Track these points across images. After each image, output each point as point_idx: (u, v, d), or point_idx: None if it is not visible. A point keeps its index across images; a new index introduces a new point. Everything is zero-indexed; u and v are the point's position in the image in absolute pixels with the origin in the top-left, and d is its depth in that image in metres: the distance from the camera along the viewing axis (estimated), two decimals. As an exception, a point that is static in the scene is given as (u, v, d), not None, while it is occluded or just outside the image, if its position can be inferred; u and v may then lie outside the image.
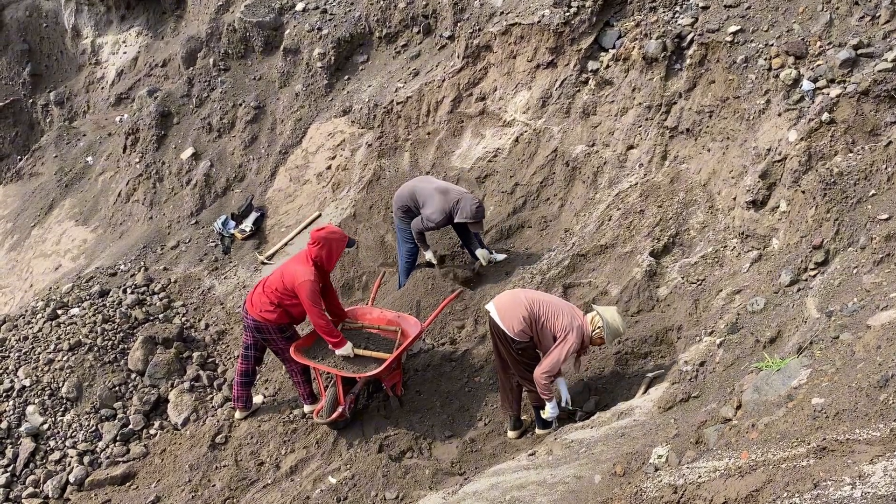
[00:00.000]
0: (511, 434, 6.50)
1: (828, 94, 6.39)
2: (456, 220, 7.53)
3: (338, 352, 6.53)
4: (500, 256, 8.01)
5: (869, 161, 5.15)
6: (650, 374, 6.30)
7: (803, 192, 5.35)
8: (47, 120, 16.96)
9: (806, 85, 6.64)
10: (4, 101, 17.33)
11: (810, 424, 2.85)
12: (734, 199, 6.97)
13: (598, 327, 5.81)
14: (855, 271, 4.53)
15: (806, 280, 4.91)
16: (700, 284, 6.78)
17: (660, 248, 7.25)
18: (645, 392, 5.97)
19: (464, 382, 7.14)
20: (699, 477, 2.86)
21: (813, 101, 6.49)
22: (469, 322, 7.59)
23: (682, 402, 4.85)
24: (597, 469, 4.69)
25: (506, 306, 6.05)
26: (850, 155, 5.37)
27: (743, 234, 6.70)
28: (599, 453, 4.94)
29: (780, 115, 6.69)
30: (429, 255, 7.93)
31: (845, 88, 6.29)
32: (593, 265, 7.57)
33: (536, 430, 6.40)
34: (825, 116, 6.20)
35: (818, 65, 6.68)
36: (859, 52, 6.51)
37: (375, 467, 6.38)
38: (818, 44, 6.83)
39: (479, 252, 7.83)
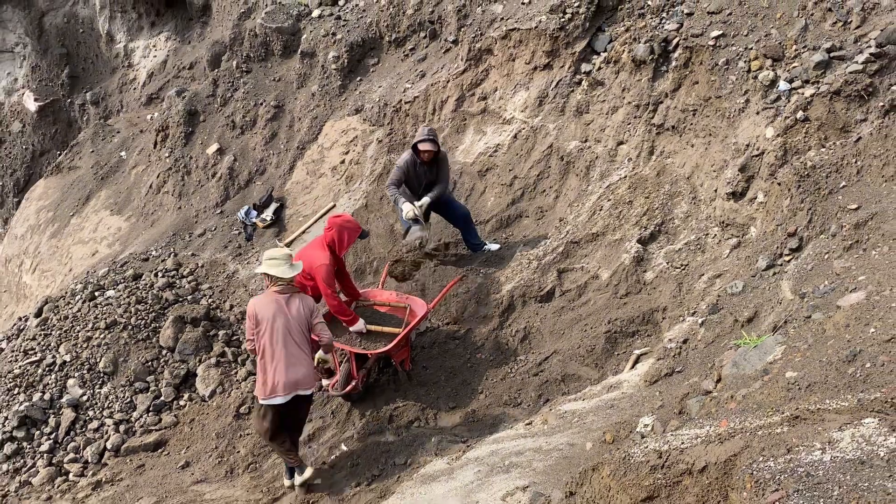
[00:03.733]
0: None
1: (802, 93, 6.36)
2: (415, 143, 7.42)
3: (351, 329, 6.55)
4: (495, 246, 8.00)
5: (840, 155, 5.14)
6: (637, 352, 6.31)
7: (779, 184, 5.34)
8: (84, 118, 16.94)
9: (782, 85, 6.61)
10: (45, 100, 17.31)
11: (784, 395, 2.86)
12: (715, 190, 6.95)
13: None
14: (826, 257, 4.53)
15: (781, 265, 4.90)
16: (684, 269, 6.78)
17: (647, 235, 7.24)
18: (632, 367, 5.99)
19: (466, 359, 7.16)
20: (682, 443, 2.88)
21: (789, 101, 6.46)
22: (471, 303, 7.60)
23: (667, 376, 4.86)
24: (588, 437, 4.72)
25: None
26: (823, 150, 5.35)
27: (723, 223, 6.69)
28: (590, 423, 4.96)
29: (758, 113, 6.66)
30: (406, 209, 7.44)
31: (819, 88, 6.26)
32: (585, 251, 7.57)
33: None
34: (800, 114, 6.18)
35: (794, 66, 6.65)
36: (832, 54, 6.47)
37: (385, 435, 6.41)
38: (794, 47, 6.79)
39: (432, 193, 7.61)
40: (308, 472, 5.92)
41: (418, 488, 5.33)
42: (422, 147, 7.46)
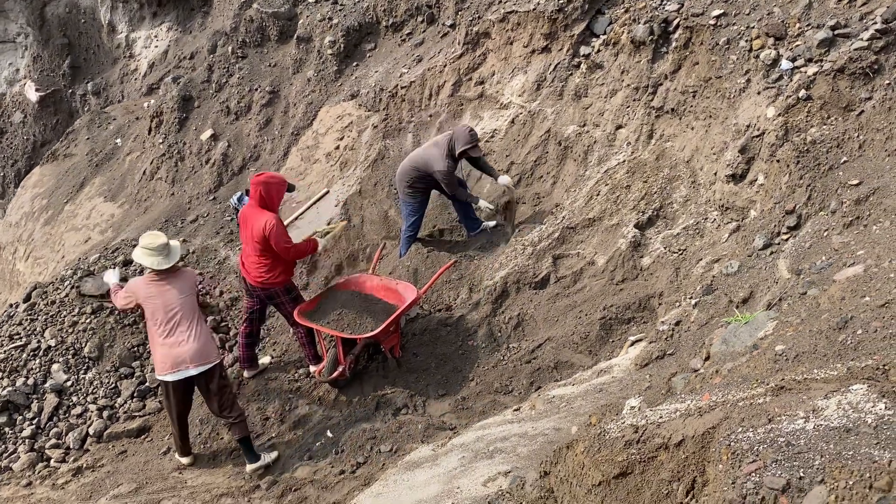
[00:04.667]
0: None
1: (805, 72, 6.13)
2: (458, 152, 7.31)
3: (319, 249, 6.82)
4: (492, 223, 7.85)
5: (841, 130, 4.92)
6: (632, 338, 6.11)
7: (778, 161, 5.13)
8: (85, 108, 16.83)
9: (784, 64, 6.39)
10: (46, 91, 17.23)
11: (771, 367, 2.66)
12: (715, 174, 6.74)
13: None
14: (825, 234, 4.32)
15: (778, 244, 4.70)
16: (681, 254, 6.58)
17: (644, 220, 7.04)
18: (626, 353, 5.79)
19: (458, 346, 6.98)
20: (660, 417, 2.69)
21: (791, 80, 6.24)
22: (464, 290, 7.42)
23: (658, 359, 4.66)
24: (575, 421, 4.53)
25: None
26: (825, 126, 5.13)
27: (723, 206, 6.48)
28: (578, 407, 4.77)
29: (759, 93, 6.44)
30: (483, 204, 7.63)
31: (822, 66, 6.04)
32: (581, 237, 7.37)
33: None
34: (802, 93, 5.96)
35: (797, 45, 6.43)
36: (836, 32, 6.25)
37: (372, 422, 6.24)
38: (797, 25, 6.57)
39: (501, 179, 7.62)
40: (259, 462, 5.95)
41: (401, 475, 5.15)
42: (472, 153, 7.39)
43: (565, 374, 6.21)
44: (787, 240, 4.62)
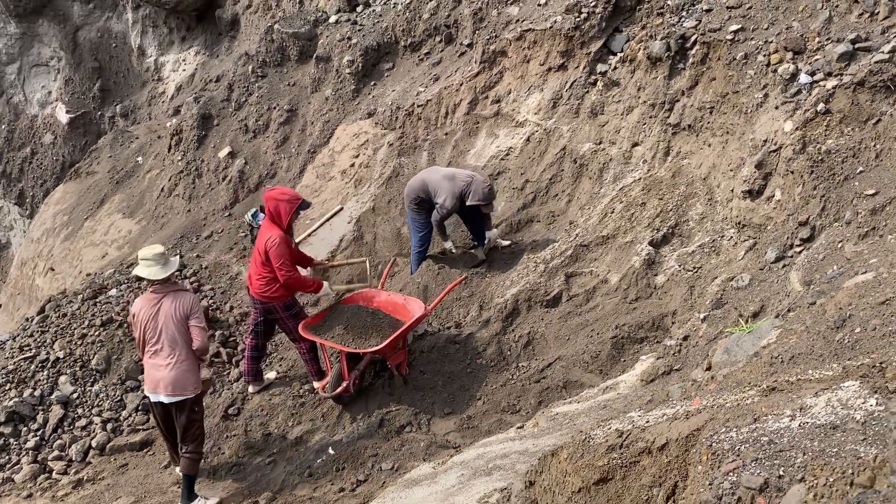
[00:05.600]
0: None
1: (824, 86, 5.99)
2: (468, 203, 7.24)
3: (318, 294, 6.63)
4: (505, 242, 7.74)
5: (857, 139, 4.75)
6: (643, 358, 5.92)
7: (791, 172, 4.96)
8: (113, 130, 17.14)
9: (803, 78, 6.25)
10: (76, 112, 17.57)
11: (766, 371, 2.51)
12: (732, 190, 6.58)
13: None
14: (839, 245, 4.14)
15: (791, 256, 4.52)
16: (696, 272, 6.40)
17: (659, 238, 6.88)
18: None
19: (466, 364, 6.83)
20: (647, 422, 2.54)
21: (810, 94, 6.09)
22: (474, 307, 7.29)
23: (665, 374, 4.49)
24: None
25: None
26: (840, 137, 4.96)
27: (740, 223, 6.30)
28: (581, 424, 4.60)
29: (777, 107, 6.30)
30: (448, 245, 7.66)
31: (841, 80, 5.90)
32: (595, 255, 7.23)
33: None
34: (821, 107, 5.80)
35: (816, 59, 6.29)
36: (857, 46, 6.10)
37: (374, 440, 6.11)
38: (817, 39, 6.43)
39: (489, 233, 7.55)
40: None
41: (400, 492, 5.01)
42: (484, 210, 7.38)
43: (574, 394, 6.03)
44: (800, 252, 4.44)
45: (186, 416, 5.64)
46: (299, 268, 6.54)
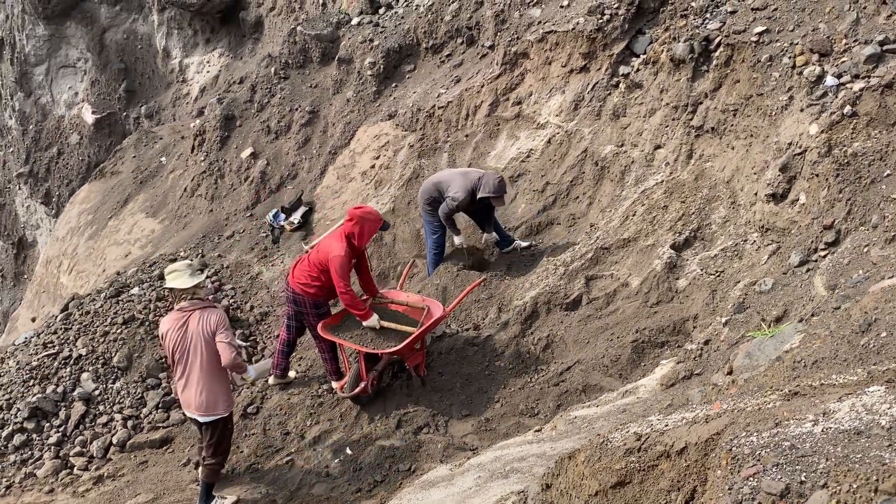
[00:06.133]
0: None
1: (851, 88, 5.90)
2: (479, 196, 7.19)
3: (364, 323, 6.29)
4: (525, 243, 7.70)
5: (885, 142, 4.67)
6: (664, 362, 5.86)
7: (816, 175, 4.88)
8: (137, 131, 17.31)
9: (829, 80, 6.15)
10: (102, 113, 17.77)
11: (788, 375, 2.46)
12: (755, 194, 6.49)
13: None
14: (866, 249, 4.07)
15: (816, 260, 4.44)
16: (718, 276, 6.32)
17: (681, 241, 6.81)
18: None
19: (484, 366, 6.81)
20: (666, 426, 2.50)
21: (836, 96, 6.00)
22: (493, 309, 7.26)
23: (685, 379, 4.43)
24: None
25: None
26: (868, 140, 4.87)
27: (763, 227, 6.22)
28: (600, 428, 4.55)
29: (802, 110, 6.21)
30: (458, 240, 7.56)
31: (869, 82, 5.80)
32: (616, 258, 7.17)
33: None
34: (847, 109, 5.71)
35: (843, 61, 6.19)
36: (885, 48, 6.01)
37: (392, 441, 6.10)
38: (844, 41, 6.34)
39: (486, 235, 7.60)
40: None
41: (416, 494, 5.00)
42: (495, 203, 7.32)
43: (593, 398, 5.97)
44: (824, 256, 4.37)
45: (219, 432, 5.63)
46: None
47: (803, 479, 1.67)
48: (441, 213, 7.36)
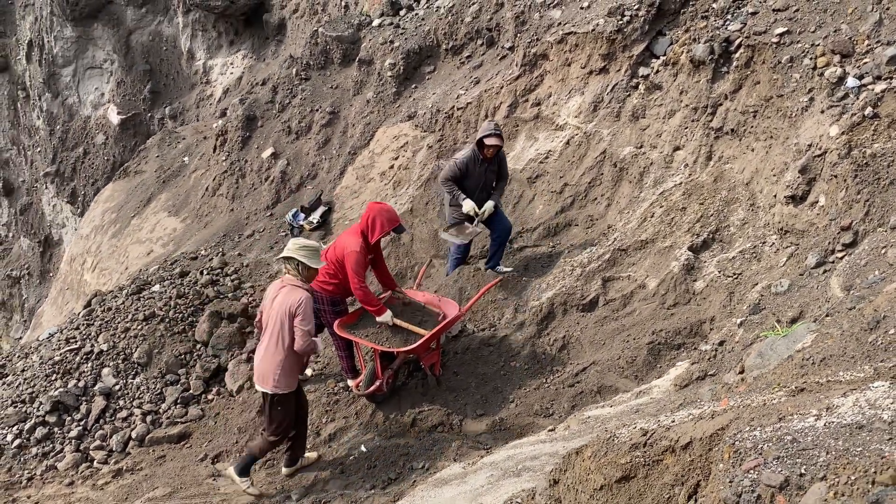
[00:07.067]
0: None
1: (873, 89, 5.84)
2: (478, 137, 7.09)
3: (378, 319, 6.31)
4: (507, 269, 7.56)
5: (905, 143, 4.61)
6: (679, 363, 5.83)
7: (835, 176, 4.84)
8: (161, 131, 17.54)
9: (851, 82, 6.10)
10: (127, 114, 18.02)
11: (796, 372, 2.45)
12: (775, 196, 6.44)
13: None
14: (883, 251, 4.02)
15: (833, 262, 4.40)
16: (736, 278, 6.28)
17: (699, 243, 6.78)
18: (670, 377, 5.52)
19: (500, 366, 6.81)
20: (672, 422, 2.50)
21: (857, 98, 5.94)
22: (509, 310, 7.27)
23: (699, 379, 4.41)
24: (606, 441, 4.32)
25: None
26: (887, 141, 4.82)
27: (782, 229, 6.17)
28: (612, 427, 4.55)
29: (822, 111, 6.15)
30: (468, 206, 7.14)
31: (891, 83, 5.74)
32: (633, 259, 7.14)
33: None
34: (868, 111, 5.66)
35: (864, 62, 6.14)
36: (908, 49, 5.94)
37: (406, 439, 6.13)
38: (866, 42, 6.28)
39: (489, 204, 7.25)
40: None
41: (429, 491, 5.02)
42: (488, 142, 7.04)
43: (608, 399, 5.96)
44: (841, 258, 4.33)
45: (270, 408, 5.66)
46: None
47: (803, 471, 1.68)
48: (441, 179, 7.26)
